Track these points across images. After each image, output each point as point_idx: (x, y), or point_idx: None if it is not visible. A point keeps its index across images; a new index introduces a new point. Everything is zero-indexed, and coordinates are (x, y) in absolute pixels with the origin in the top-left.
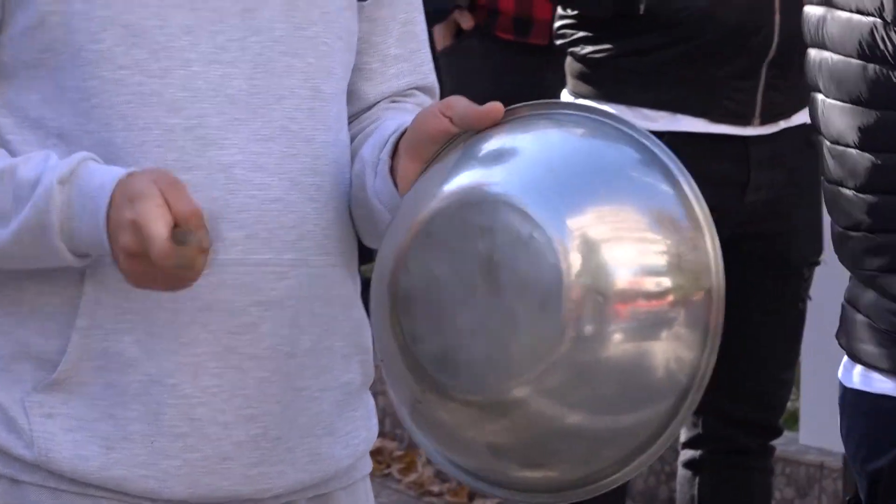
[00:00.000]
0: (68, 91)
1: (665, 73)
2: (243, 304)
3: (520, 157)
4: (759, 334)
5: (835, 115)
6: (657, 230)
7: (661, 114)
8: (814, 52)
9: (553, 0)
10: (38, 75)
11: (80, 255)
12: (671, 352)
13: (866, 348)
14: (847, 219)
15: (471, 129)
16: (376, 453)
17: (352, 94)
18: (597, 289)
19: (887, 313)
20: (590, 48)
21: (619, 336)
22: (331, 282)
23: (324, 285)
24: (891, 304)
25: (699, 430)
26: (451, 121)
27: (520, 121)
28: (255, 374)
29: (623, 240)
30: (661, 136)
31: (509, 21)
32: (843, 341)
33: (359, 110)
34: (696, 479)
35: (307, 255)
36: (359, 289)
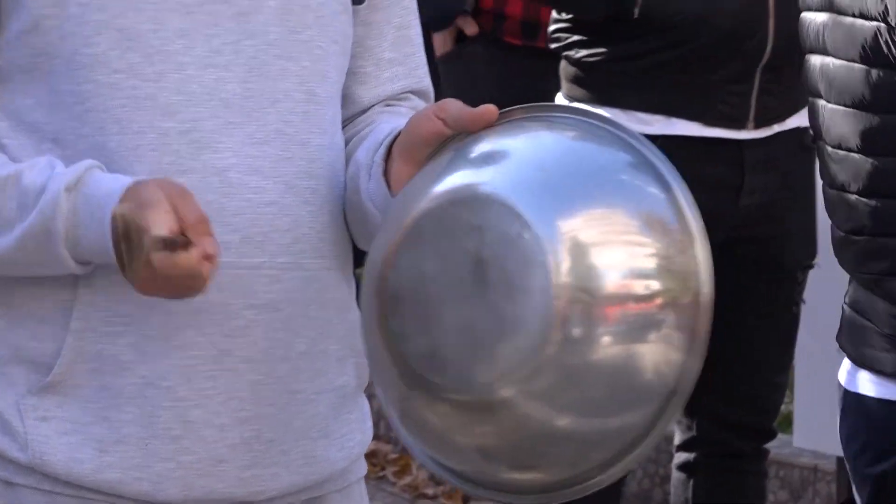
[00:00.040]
0: (63, 95)
1: (659, 77)
2: (238, 307)
3: (511, 157)
4: (753, 338)
5: (837, 119)
6: (647, 233)
7: (656, 117)
8: (814, 59)
9: (548, 4)
10: (33, 79)
11: (83, 262)
12: (659, 355)
13: (869, 352)
14: (849, 223)
15: (464, 132)
16: (371, 456)
17: (346, 98)
18: (584, 290)
19: (890, 317)
20: (584, 52)
21: (606, 338)
22: (325, 285)
23: (318, 288)
24: (893, 308)
25: (693, 433)
26: (444, 123)
27: (513, 123)
28: (250, 377)
29: (612, 242)
30: (655, 139)
31: (517, 25)
32: (845, 345)
33: (353, 114)
34: (691, 482)
35: (302, 258)
36: (353, 292)
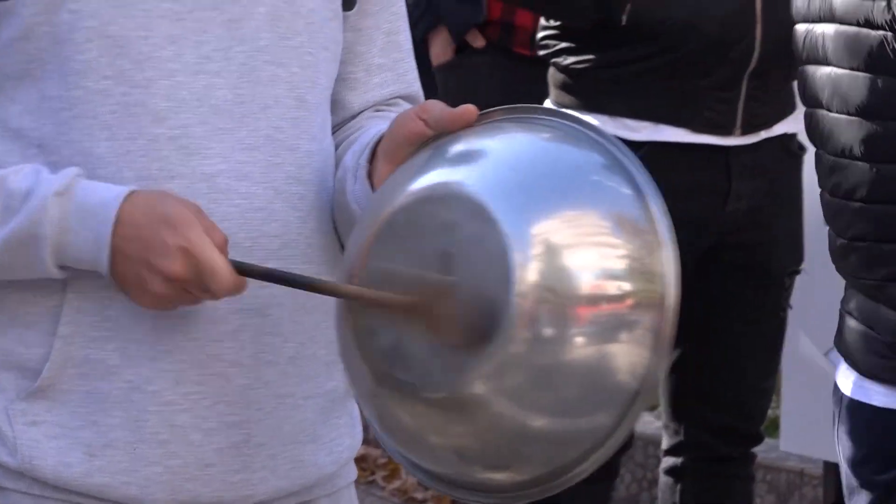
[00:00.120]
0: (51, 101)
1: (647, 84)
2: (225, 311)
3: (485, 157)
4: (740, 343)
5: (840, 128)
6: (616, 234)
7: (643, 124)
8: (813, 69)
9: (536, 11)
10: (22, 86)
11: (62, 267)
12: (630, 355)
13: (872, 360)
14: (851, 230)
15: (445, 132)
16: (360, 460)
17: (336, 104)
18: (551, 289)
19: (892, 323)
20: (572, 59)
21: (577, 339)
22: None
23: (306, 293)
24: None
25: (681, 438)
26: (426, 124)
27: (491, 124)
28: (238, 382)
29: (581, 242)
30: (642, 146)
31: (527, 36)
32: (846, 353)
33: (343, 119)
34: (678, 486)
35: (290, 263)
36: None
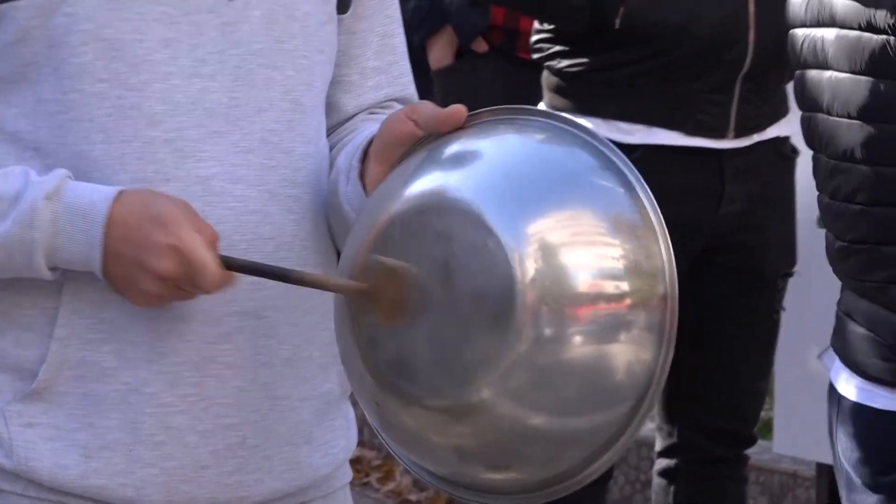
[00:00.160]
0: (47, 104)
1: (640, 87)
2: (221, 314)
3: (478, 162)
4: (734, 345)
5: (840, 131)
6: (613, 234)
7: (637, 127)
8: (812, 73)
9: (530, 14)
10: (18, 89)
11: (54, 268)
12: (629, 354)
13: (870, 361)
14: (851, 233)
15: (435, 132)
16: (355, 462)
17: (330, 107)
18: (552, 291)
19: (893, 326)
20: (566, 62)
21: (576, 339)
22: (309, 292)
23: (302, 296)
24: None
25: (674, 440)
26: (416, 124)
27: (483, 125)
28: (234, 384)
29: (579, 243)
30: (636, 149)
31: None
32: (844, 354)
33: (337, 122)
34: (672, 488)
35: (285, 265)
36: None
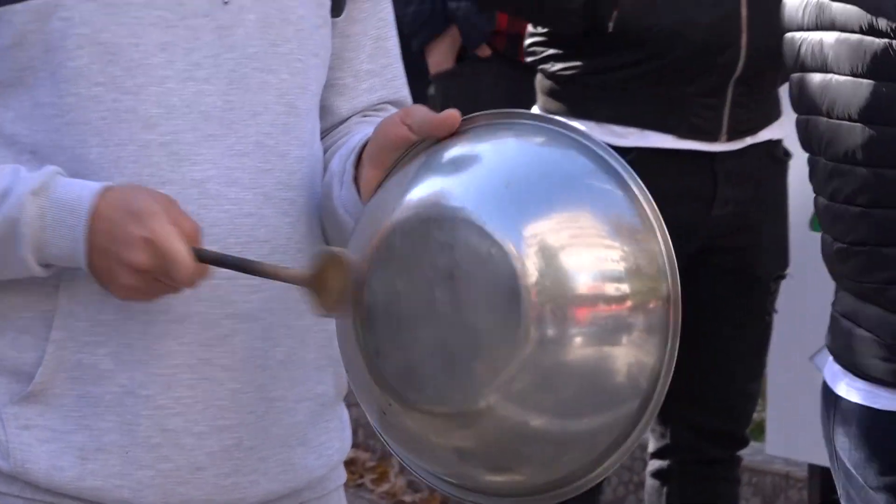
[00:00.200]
0: (44, 108)
1: (634, 91)
2: (216, 316)
3: (477, 168)
4: (727, 347)
5: (841, 134)
6: (613, 237)
7: (630, 130)
8: (809, 76)
9: (524, 18)
10: (15, 93)
11: (45, 265)
12: (632, 356)
13: (869, 362)
14: (851, 235)
15: (429, 137)
16: (350, 464)
17: (325, 110)
18: (556, 295)
19: (893, 326)
20: (559, 65)
21: (579, 340)
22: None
23: (296, 298)
24: None
25: (667, 441)
26: (410, 129)
27: (478, 130)
28: (229, 386)
29: (579, 247)
30: (629, 151)
31: None
32: (841, 355)
33: (332, 125)
34: (665, 489)
35: (280, 268)
36: None
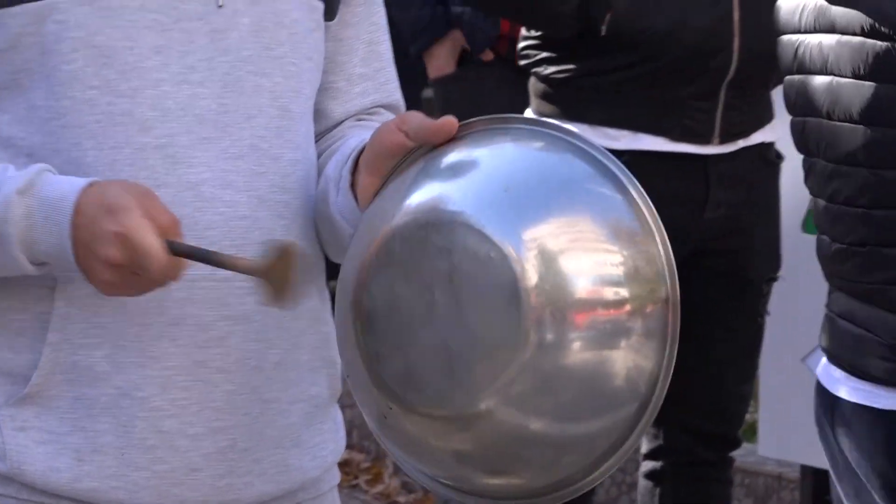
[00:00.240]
0: (39, 111)
1: (626, 93)
2: (212, 318)
3: (476, 173)
4: (719, 350)
5: (842, 135)
6: (612, 241)
7: (623, 132)
8: (807, 78)
9: (517, 21)
10: (11, 95)
11: (39, 264)
12: (631, 360)
13: (872, 363)
14: (851, 235)
15: (426, 144)
16: (344, 465)
17: (318, 113)
18: (555, 298)
19: (893, 326)
20: (553, 68)
21: (578, 344)
22: None
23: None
24: None
25: (660, 442)
26: (406, 135)
27: (476, 135)
28: (224, 387)
29: (579, 251)
30: (622, 154)
31: None
32: (838, 356)
33: (325, 129)
34: (657, 490)
35: None
36: (327, 304)
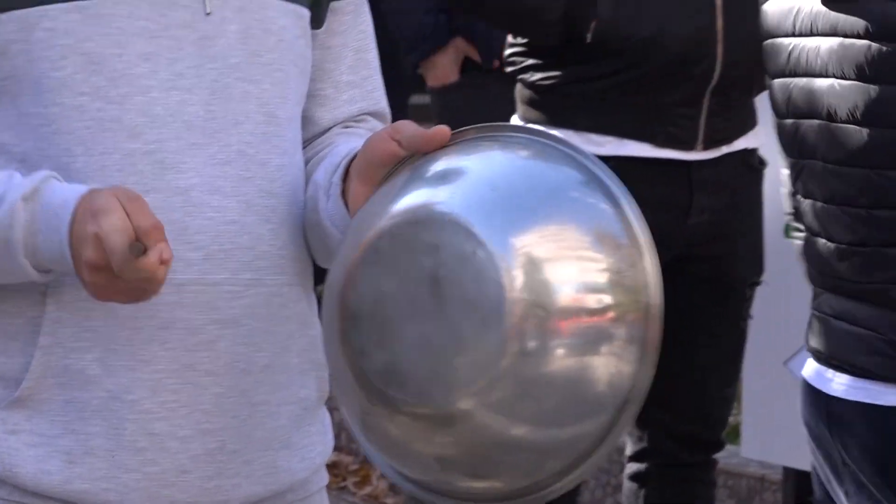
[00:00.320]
0: (29, 117)
1: (611, 100)
2: (201, 322)
3: (465, 177)
4: (703, 354)
5: (844, 137)
6: (598, 248)
7: (608, 139)
8: (802, 81)
9: (504, 28)
10: (0, 103)
11: (43, 270)
12: (611, 366)
13: (874, 360)
14: (852, 235)
15: (419, 152)
16: (332, 467)
17: (306, 120)
18: (538, 304)
19: (894, 324)
20: (539, 75)
21: (560, 351)
22: (286, 300)
23: (279, 304)
24: None
25: (644, 444)
26: (399, 144)
27: (466, 143)
28: (213, 390)
29: (564, 257)
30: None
31: None
32: (833, 355)
33: (313, 135)
34: (642, 492)
35: (263, 274)
36: (315, 307)
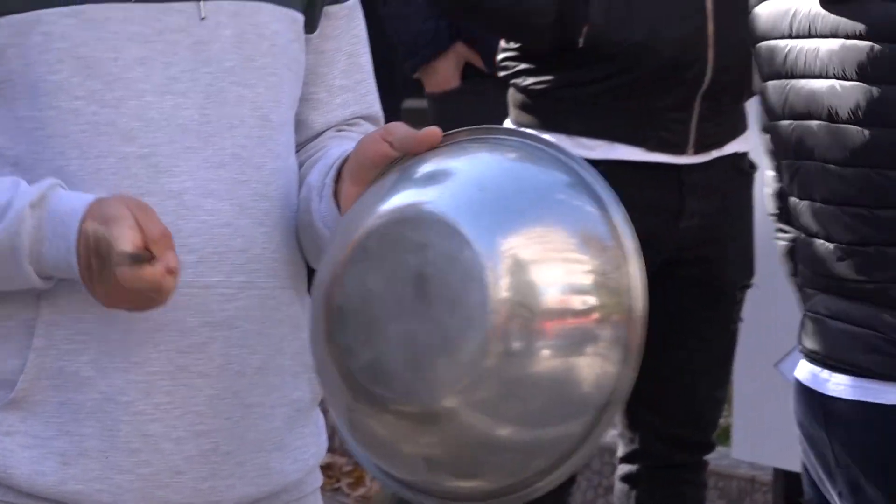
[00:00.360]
0: (24, 121)
1: (603, 104)
2: (194, 324)
3: (454, 177)
4: (694, 358)
5: (846, 137)
6: (583, 250)
7: (599, 143)
8: (799, 83)
9: (496, 33)
10: None
11: (45, 277)
12: (595, 367)
13: (874, 359)
14: (852, 235)
15: (410, 153)
16: (326, 468)
17: (299, 124)
18: (523, 304)
19: (894, 322)
20: (531, 80)
21: (545, 352)
22: (279, 303)
23: (273, 306)
24: None
25: (636, 446)
26: (390, 145)
27: (456, 145)
28: (206, 392)
29: (550, 259)
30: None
31: None
32: (829, 355)
33: (306, 139)
34: (633, 493)
35: (256, 277)
36: (307, 310)
